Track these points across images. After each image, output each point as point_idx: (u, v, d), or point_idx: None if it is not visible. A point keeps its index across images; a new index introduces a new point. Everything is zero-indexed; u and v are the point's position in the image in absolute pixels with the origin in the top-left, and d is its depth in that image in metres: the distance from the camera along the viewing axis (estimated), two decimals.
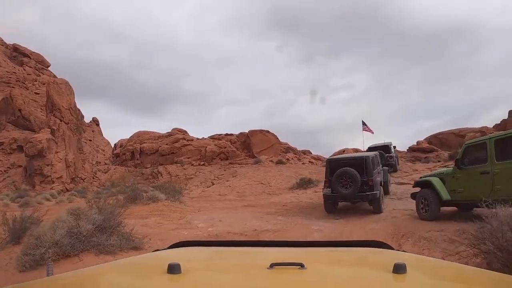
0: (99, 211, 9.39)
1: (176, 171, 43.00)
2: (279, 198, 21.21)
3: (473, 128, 45.04)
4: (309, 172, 28.32)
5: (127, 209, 18.13)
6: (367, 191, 13.06)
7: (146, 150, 49.46)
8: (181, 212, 16.47)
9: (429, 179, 11.67)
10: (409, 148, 46.62)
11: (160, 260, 1.81)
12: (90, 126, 79.44)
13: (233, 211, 16.62)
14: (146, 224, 14.00)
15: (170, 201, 18.50)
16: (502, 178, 9.13)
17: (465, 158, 10.56)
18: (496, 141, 9.52)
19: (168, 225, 13.64)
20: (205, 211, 17.30)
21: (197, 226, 12.95)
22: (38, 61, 68.88)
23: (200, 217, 14.85)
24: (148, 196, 18.35)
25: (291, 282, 1.28)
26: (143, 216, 15.68)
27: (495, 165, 9.35)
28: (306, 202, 18.07)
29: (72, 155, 46.47)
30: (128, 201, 18.49)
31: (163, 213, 16.05)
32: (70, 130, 48.49)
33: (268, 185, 26.32)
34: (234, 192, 26.13)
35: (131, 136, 56.22)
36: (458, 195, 10.60)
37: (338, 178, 13.32)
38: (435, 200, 11.04)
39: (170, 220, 14.77)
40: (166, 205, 17.54)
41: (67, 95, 51.33)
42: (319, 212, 14.92)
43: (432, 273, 1.57)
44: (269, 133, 45.66)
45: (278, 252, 2.07)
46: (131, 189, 19.40)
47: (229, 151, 43.76)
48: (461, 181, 10.51)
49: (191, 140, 47.92)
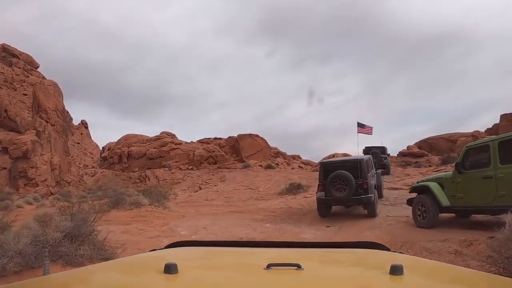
0: (71, 217, 8.64)
1: (164, 175, 42.26)
2: (267, 203, 20.55)
3: (463, 133, 45.14)
4: (298, 177, 27.67)
5: (109, 214, 17.62)
6: (361, 194, 12.70)
7: (134, 154, 48.66)
8: (164, 218, 15.77)
9: (426, 184, 11.01)
10: (400, 153, 46.58)
11: (156, 259, 1.79)
12: (78, 128, 78.44)
13: (219, 218, 15.94)
14: (127, 231, 13.31)
15: (154, 207, 17.78)
16: (506, 183, 8.56)
17: (466, 161, 9.89)
18: (500, 143, 8.94)
19: (149, 232, 12.95)
20: (190, 217, 16.61)
21: (180, 234, 12.27)
22: (27, 61, 67.65)
23: (184, 224, 14.17)
24: (131, 201, 17.58)
25: (288, 283, 1.27)
26: (125, 222, 14.99)
27: (499, 169, 8.76)
28: (296, 208, 17.43)
29: (57, 158, 45.47)
30: (111, 206, 17.81)
31: (145, 219, 15.35)
32: (56, 132, 47.52)
33: (257, 190, 25.64)
34: (221, 197, 25.41)
35: (119, 139, 55.36)
36: (458, 201, 9.96)
37: (332, 181, 12.93)
38: (434, 206, 10.39)
39: (153, 227, 14.07)
40: (150, 211, 16.82)
41: (55, 97, 50.42)
42: (309, 219, 14.38)
43: (429, 274, 1.57)
44: (258, 137, 45.17)
45: (275, 253, 2.06)
46: (114, 194, 18.66)
47: (217, 155, 43.09)
48: (461, 186, 9.89)
49: (180, 144, 47.21)
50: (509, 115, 35.77)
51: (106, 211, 17.42)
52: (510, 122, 34.15)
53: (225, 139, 47.98)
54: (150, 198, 18.99)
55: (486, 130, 39.38)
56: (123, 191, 24.11)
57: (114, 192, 19.07)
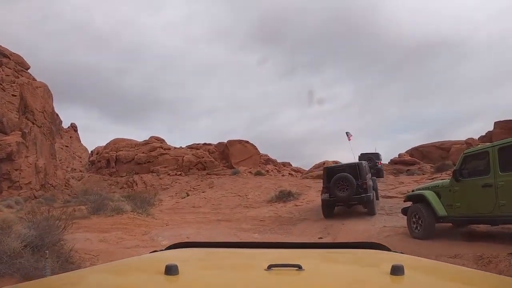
0: (36, 225, 7.78)
1: (151, 180, 41.29)
2: (256, 211, 19.76)
3: (456, 140, 44.92)
4: (289, 184, 26.87)
5: (89, 220, 16.73)
6: (361, 194, 14.08)
7: (122, 158, 47.61)
8: (146, 226, 14.93)
9: (422, 193, 10.52)
10: (391, 161, 46.41)
11: (157, 261, 1.79)
12: (68, 132, 77.22)
13: (204, 226, 15.14)
14: (105, 239, 12.49)
15: (137, 213, 16.90)
16: (507, 191, 8.07)
17: (464, 168, 9.43)
18: (500, 150, 8.46)
19: (128, 242, 12.12)
20: (174, 225, 15.78)
21: (161, 244, 11.41)
22: (17, 62, 66.34)
23: (166, 233, 13.37)
24: (112, 207, 16.69)
25: (288, 284, 1.28)
26: (104, 229, 14.15)
27: (499, 176, 8.27)
28: (286, 217, 16.66)
29: (43, 160, 44.33)
30: (91, 212, 16.94)
31: (126, 227, 14.50)
32: (43, 134, 46.41)
33: (245, 198, 24.80)
34: (209, 204, 24.54)
35: (107, 143, 54.25)
36: (455, 210, 9.46)
37: (335, 183, 14.30)
38: (429, 216, 9.89)
39: (133, 236, 13.24)
40: (132, 218, 15.96)
41: (44, 98, 49.37)
42: (300, 229, 13.77)
43: (430, 274, 1.57)
44: (248, 144, 44.34)
45: (275, 254, 2.06)
46: (95, 199, 17.77)
47: (207, 161, 42.19)
48: (459, 194, 9.41)
49: (168, 149, 46.26)
50: (503, 122, 35.37)
51: (86, 217, 16.59)
52: (504, 129, 33.74)
53: (215, 145, 47.08)
54: (133, 205, 18.13)
55: (480, 137, 39.08)
56: (108, 196, 23.26)
57: (96, 197, 18.07)
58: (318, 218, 15.31)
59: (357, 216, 14.76)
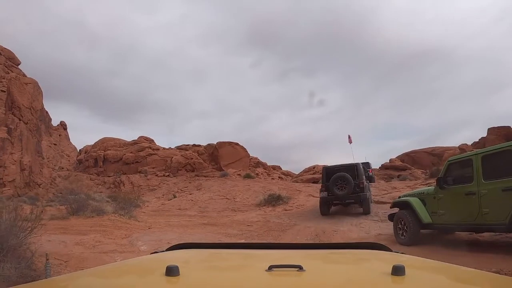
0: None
1: (139, 181, 40.47)
2: (244, 215, 19.10)
3: (445, 147, 44.98)
4: (278, 187, 26.15)
5: (68, 221, 15.98)
6: (358, 192, 14.83)
7: (110, 158, 46.73)
8: (127, 229, 14.21)
9: (407, 200, 10.58)
10: (382, 166, 46.45)
11: (158, 262, 1.79)
12: (57, 129, 75.94)
13: (188, 231, 14.45)
14: (81, 242, 11.78)
15: (118, 215, 16.16)
16: (490, 200, 8.09)
17: (448, 176, 9.42)
18: (484, 158, 8.46)
19: (106, 246, 11.41)
20: (156, 229, 15.05)
21: (139, 249, 10.74)
22: (8, 58, 65.16)
23: (147, 238, 12.63)
24: (93, 208, 15.95)
25: (289, 284, 1.28)
26: (82, 231, 13.44)
27: (482, 185, 8.27)
28: (275, 223, 15.99)
29: (28, 158, 43.30)
30: (71, 212, 16.21)
31: (106, 229, 13.80)
32: (29, 131, 45.39)
33: (234, 201, 24.12)
34: (196, 206, 23.80)
35: (96, 142, 53.20)
36: (440, 218, 9.52)
37: (334, 182, 15.07)
38: (414, 223, 9.93)
39: (112, 239, 12.53)
40: (112, 220, 15.24)
41: (34, 95, 48.42)
42: (289, 236, 13.17)
43: (431, 275, 1.57)
44: (238, 146, 43.69)
45: (276, 255, 2.05)
46: (75, 198, 17.03)
47: (195, 163, 41.45)
48: (443, 202, 9.46)
49: (157, 150, 45.46)
50: (497, 128, 35.20)
51: (65, 218, 15.86)
52: (497, 135, 33.56)
53: (204, 146, 46.25)
54: (117, 206, 17.41)
55: (473, 143, 38.96)
56: (92, 196, 22.50)
57: (76, 196, 17.32)
58: (309, 224, 14.74)
59: (350, 222, 14.25)
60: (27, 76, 57.54)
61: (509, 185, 7.61)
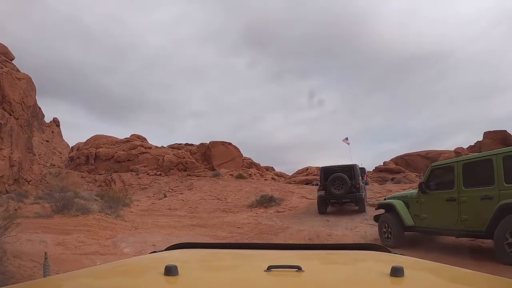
0: None
1: (130, 179, 39.87)
2: (234, 217, 18.64)
3: (440, 150, 44.90)
4: (271, 189, 25.67)
5: (52, 220, 15.44)
6: (354, 192, 15.52)
7: (102, 156, 46.05)
8: (113, 230, 13.72)
9: (391, 202, 10.76)
10: (376, 168, 46.34)
11: (157, 261, 1.78)
12: (49, 126, 75.15)
13: (176, 232, 13.95)
14: (63, 243, 11.30)
15: (105, 214, 15.64)
16: (469, 207, 8.26)
17: (431, 181, 9.62)
18: (465, 165, 8.64)
19: (89, 247, 10.92)
20: (143, 229, 14.55)
21: (122, 252, 10.24)
22: (2, 52, 64.26)
23: (131, 239, 12.14)
24: (77, 207, 15.42)
25: (288, 285, 1.28)
26: (65, 231, 12.95)
27: (463, 192, 8.45)
28: (266, 225, 15.52)
29: (18, 154, 42.54)
30: (56, 211, 15.68)
31: (90, 229, 13.30)
32: (20, 126, 44.62)
33: (225, 201, 23.63)
34: (186, 206, 23.29)
35: (87, 140, 52.43)
36: (422, 221, 9.68)
37: (332, 182, 15.66)
38: (398, 225, 10.13)
39: (96, 239, 12.04)
40: (98, 219, 14.73)
41: (27, 91, 47.63)
42: (281, 240, 12.67)
43: (429, 276, 1.57)
44: (231, 146, 43.23)
45: (275, 255, 2.05)
46: (60, 196, 16.50)
47: (188, 162, 40.89)
48: (425, 206, 9.61)
49: (149, 148, 44.85)
50: (493, 132, 35.14)
51: (49, 216, 15.35)
52: (493, 139, 33.48)
53: (197, 145, 45.69)
54: (102, 205, 16.89)
55: (469, 147, 38.89)
56: (81, 194, 21.97)
57: (62, 194, 16.77)
58: (302, 227, 14.26)
59: (345, 226, 13.85)
60: (20, 71, 56.87)
61: (488, 194, 7.75)
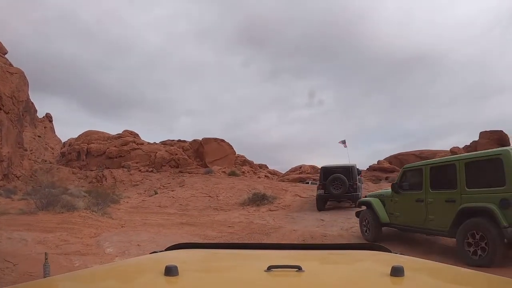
0: None
1: (121, 176, 39.24)
2: (225, 215, 18.17)
3: (435, 150, 44.72)
4: (264, 186, 25.17)
5: (35, 216, 14.92)
6: (352, 192, 16.31)
7: (93, 151, 45.40)
8: (98, 228, 13.22)
9: (369, 200, 11.37)
10: (370, 167, 46.22)
11: (157, 262, 1.77)
12: (42, 121, 74.28)
13: (163, 231, 13.46)
14: (45, 241, 10.80)
15: (91, 212, 15.12)
16: (435, 208, 8.77)
17: (404, 182, 10.11)
18: (432, 168, 9.15)
19: (71, 246, 10.43)
20: (130, 227, 14.07)
21: (105, 252, 9.74)
22: None
23: (116, 238, 11.65)
24: (63, 203, 14.90)
25: (288, 285, 1.27)
26: (48, 228, 12.45)
27: (429, 194, 8.97)
28: (258, 224, 15.02)
29: (8, 149, 41.82)
30: (40, 207, 15.16)
31: (74, 227, 12.82)
32: (10, 120, 43.87)
33: (216, 199, 23.11)
34: (176, 204, 22.76)
35: (79, 135, 51.75)
36: (396, 219, 10.23)
37: (331, 182, 16.48)
38: (375, 221, 10.73)
39: (79, 238, 11.55)
40: (83, 217, 14.23)
41: (19, 85, 46.88)
42: (274, 240, 12.09)
43: (429, 275, 1.56)
44: (224, 143, 42.66)
45: (275, 255, 2.05)
46: (46, 192, 15.97)
47: (180, 159, 40.31)
48: (398, 205, 10.16)
49: (141, 144, 44.21)
50: (489, 132, 35.04)
51: (33, 213, 14.83)
52: (489, 139, 33.38)
53: (189, 142, 45.04)
54: (89, 201, 16.38)
55: (465, 147, 38.74)
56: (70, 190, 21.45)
57: (47, 190, 16.25)
58: (296, 227, 13.78)
59: (341, 226, 13.37)
60: (13, 65, 56.10)
61: (451, 197, 8.26)
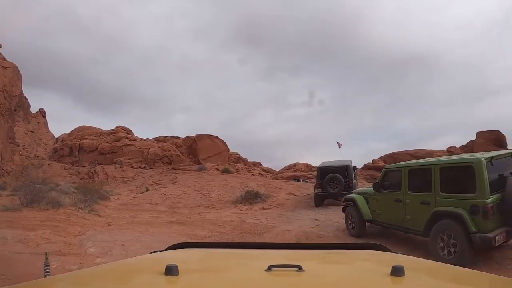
0: None
1: (113, 172, 38.69)
2: (217, 214, 17.69)
3: (429, 149, 44.57)
4: (257, 184, 24.71)
5: (19, 213, 14.39)
6: (348, 190, 15.98)
7: (86, 147, 44.80)
8: (83, 226, 12.73)
9: (353, 197, 11.64)
10: (364, 166, 46.06)
11: (157, 261, 1.78)
12: (35, 117, 73.46)
13: (151, 230, 12.99)
14: (26, 239, 10.33)
15: (76, 209, 14.61)
16: (411, 209, 9.06)
17: (385, 181, 10.39)
18: (410, 171, 9.41)
19: (52, 245, 9.95)
20: (117, 226, 13.59)
21: (86, 252, 9.26)
22: None
23: (100, 237, 11.18)
24: (48, 200, 14.39)
25: (289, 284, 1.27)
26: (31, 226, 11.95)
27: (407, 195, 9.26)
28: (250, 224, 14.54)
29: None
30: (24, 204, 14.64)
31: (58, 225, 12.33)
32: (1, 115, 43.23)
33: (208, 196, 22.58)
34: (167, 201, 22.22)
35: (72, 131, 51.08)
36: (378, 216, 10.55)
37: (328, 181, 17.00)
38: (359, 217, 11.06)
39: (62, 237, 11.07)
40: (68, 214, 13.72)
41: (12, 80, 46.07)
42: (266, 241, 11.60)
43: (430, 275, 1.55)
44: (217, 139, 42.30)
45: (276, 254, 2.04)
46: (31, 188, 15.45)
47: (173, 155, 39.77)
48: (380, 203, 10.47)
49: (134, 140, 43.63)
50: (486, 132, 34.94)
51: (17, 209, 14.31)
52: (486, 139, 33.24)
53: (183, 138, 44.61)
54: (75, 198, 15.87)
55: (461, 146, 38.48)
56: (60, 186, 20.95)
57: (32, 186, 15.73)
58: (290, 227, 13.29)
59: (337, 226, 12.88)
60: (6, 60, 55.34)
61: (426, 199, 8.59)
